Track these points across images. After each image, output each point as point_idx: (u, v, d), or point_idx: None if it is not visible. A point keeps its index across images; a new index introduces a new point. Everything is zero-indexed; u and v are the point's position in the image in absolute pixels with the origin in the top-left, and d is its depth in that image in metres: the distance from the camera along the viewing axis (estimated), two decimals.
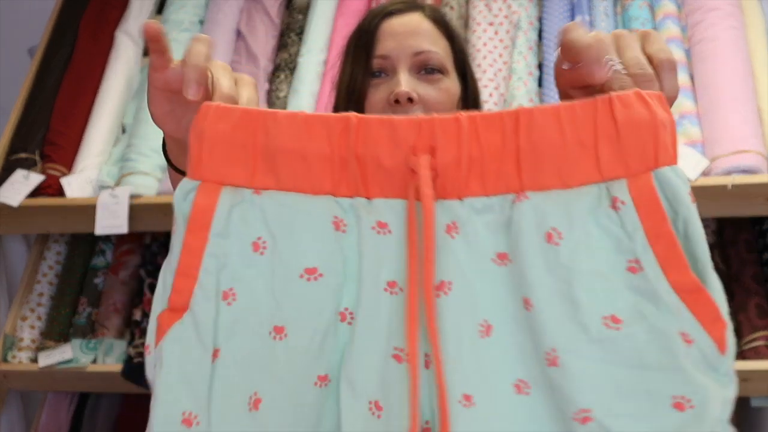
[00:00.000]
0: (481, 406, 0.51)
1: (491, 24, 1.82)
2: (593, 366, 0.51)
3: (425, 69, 1.02)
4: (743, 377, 1.49)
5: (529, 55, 1.79)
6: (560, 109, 0.53)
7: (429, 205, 0.51)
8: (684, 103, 1.63)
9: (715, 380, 0.50)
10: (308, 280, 0.54)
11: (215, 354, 0.52)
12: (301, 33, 1.93)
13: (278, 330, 0.53)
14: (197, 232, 0.53)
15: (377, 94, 1.01)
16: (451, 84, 1.04)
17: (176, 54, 0.62)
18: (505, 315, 0.53)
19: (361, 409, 0.52)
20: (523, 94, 1.70)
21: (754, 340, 1.52)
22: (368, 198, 0.55)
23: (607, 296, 0.52)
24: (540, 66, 1.80)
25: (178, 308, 0.53)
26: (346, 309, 0.54)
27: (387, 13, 1.05)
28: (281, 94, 1.83)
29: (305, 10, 1.96)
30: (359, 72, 1.03)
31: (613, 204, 0.52)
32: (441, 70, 1.02)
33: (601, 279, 0.52)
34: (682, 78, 1.67)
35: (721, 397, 0.50)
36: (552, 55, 1.79)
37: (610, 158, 0.53)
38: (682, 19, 1.78)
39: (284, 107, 1.80)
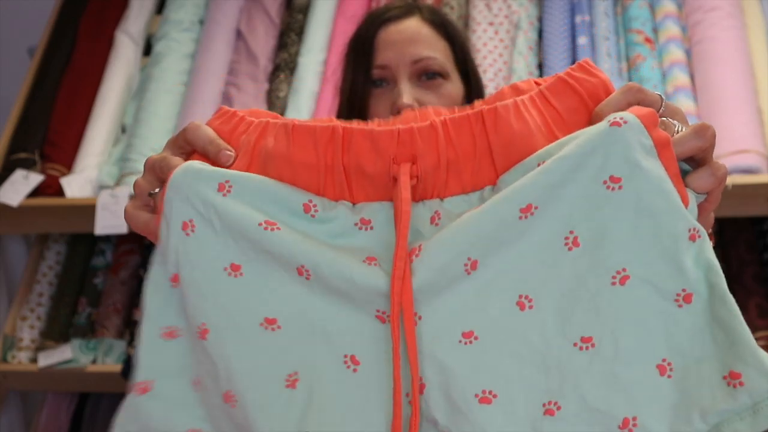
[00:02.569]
0: (482, 340, 0.53)
1: (491, 24, 1.82)
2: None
3: (426, 75, 1.02)
4: None
5: (530, 55, 1.78)
6: (517, 102, 0.57)
7: (407, 207, 0.54)
8: (684, 103, 1.63)
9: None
10: (269, 230, 0.56)
11: (175, 278, 0.57)
12: (301, 33, 1.93)
13: (234, 268, 0.56)
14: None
15: (380, 104, 1.02)
16: (453, 87, 1.04)
17: (175, 52, 0.62)
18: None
19: (335, 361, 0.55)
20: None
21: (755, 340, 1.52)
22: (353, 203, 0.57)
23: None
24: (540, 66, 1.80)
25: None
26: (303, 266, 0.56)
27: (384, 20, 1.05)
28: (281, 94, 1.82)
29: (305, 10, 1.96)
30: (360, 82, 1.04)
31: None
32: (442, 75, 1.03)
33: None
34: (683, 78, 1.67)
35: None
36: (552, 54, 1.79)
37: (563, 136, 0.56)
38: (683, 18, 1.78)
39: (284, 107, 1.80)
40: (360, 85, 1.04)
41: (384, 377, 0.54)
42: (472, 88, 1.08)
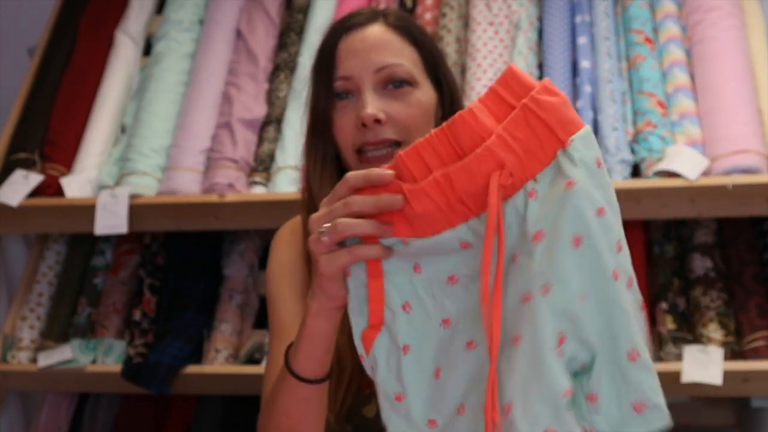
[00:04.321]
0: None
1: (491, 24, 1.82)
2: None
3: (392, 83, 0.97)
4: (744, 377, 1.49)
5: (530, 55, 1.78)
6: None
7: (492, 200, 0.68)
8: (684, 103, 1.63)
9: None
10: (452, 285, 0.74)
11: (405, 349, 0.74)
12: (301, 33, 1.93)
13: (446, 322, 0.74)
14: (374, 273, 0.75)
15: (344, 118, 0.97)
16: (422, 94, 0.99)
17: (174, 52, 0.62)
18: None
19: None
20: None
21: (755, 340, 1.52)
22: (477, 216, 0.71)
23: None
24: (540, 66, 1.80)
25: (375, 325, 0.75)
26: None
27: (346, 28, 1.00)
28: (281, 94, 1.82)
29: (305, 9, 1.96)
30: (322, 95, 0.99)
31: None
32: (409, 82, 0.98)
33: None
34: (683, 77, 1.67)
35: None
36: (552, 54, 1.79)
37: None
38: (683, 18, 1.78)
39: (284, 107, 1.80)
40: (322, 98, 0.99)
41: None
42: (445, 95, 1.03)
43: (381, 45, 0.98)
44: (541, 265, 0.66)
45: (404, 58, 0.98)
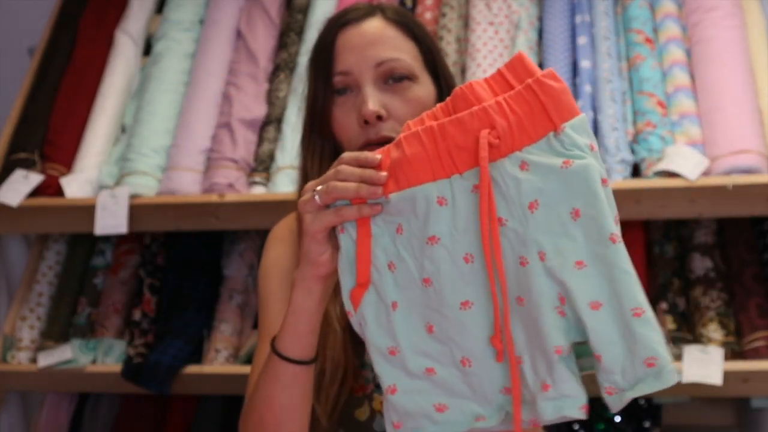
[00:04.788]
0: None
1: (491, 23, 1.82)
2: None
3: (392, 78, 0.97)
4: (744, 378, 1.49)
5: (530, 54, 1.78)
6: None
7: (483, 153, 0.71)
8: (684, 103, 1.63)
9: None
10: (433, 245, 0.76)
11: (394, 305, 0.77)
12: (300, 33, 1.93)
13: (426, 281, 0.76)
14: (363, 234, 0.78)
15: (345, 114, 0.97)
16: (422, 89, 0.99)
17: (174, 52, 0.62)
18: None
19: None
20: None
21: (755, 340, 1.52)
22: (460, 173, 0.74)
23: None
24: (540, 66, 1.80)
25: (363, 284, 0.77)
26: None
27: (343, 22, 1.00)
28: (281, 94, 1.82)
29: (305, 9, 1.96)
30: (321, 90, 0.98)
31: None
32: (409, 77, 0.97)
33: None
34: (683, 78, 1.67)
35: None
36: (552, 54, 1.79)
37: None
38: (683, 18, 1.78)
39: (284, 107, 1.80)
40: (321, 94, 0.98)
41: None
42: (443, 89, 1.02)
43: (380, 39, 0.97)
44: (536, 233, 0.71)
45: (403, 52, 0.98)
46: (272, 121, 1.79)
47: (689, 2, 1.78)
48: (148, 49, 2.00)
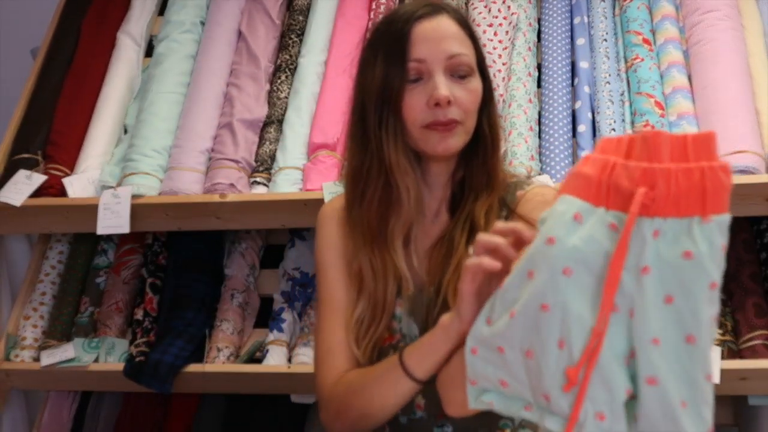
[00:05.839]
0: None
1: (491, 25, 1.83)
2: None
3: (458, 70, 1.08)
4: (741, 376, 1.50)
5: (529, 55, 1.79)
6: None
7: (632, 217, 0.74)
8: (682, 104, 1.64)
9: None
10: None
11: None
12: (301, 34, 1.94)
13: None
14: None
15: (415, 98, 1.07)
16: (477, 83, 1.10)
17: (176, 53, 0.63)
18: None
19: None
20: (522, 95, 1.71)
21: (752, 339, 1.53)
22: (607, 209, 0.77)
23: None
24: (539, 66, 1.81)
25: None
26: None
27: (418, 16, 1.09)
28: (282, 95, 1.83)
29: (306, 11, 1.97)
30: (395, 75, 1.07)
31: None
32: (470, 71, 1.09)
33: None
34: (680, 78, 1.68)
35: None
36: (551, 55, 1.80)
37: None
38: (680, 20, 1.79)
39: (284, 108, 1.81)
40: (395, 79, 1.07)
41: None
42: (486, 85, 1.13)
43: (450, 35, 1.08)
44: (638, 292, 0.74)
45: (467, 48, 1.10)
46: (273, 121, 1.80)
47: (687, 4, 1.79)
48: (150, 51, 2.01)
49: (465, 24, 1.12)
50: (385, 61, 1.09)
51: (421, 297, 1.10)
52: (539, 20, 1.88)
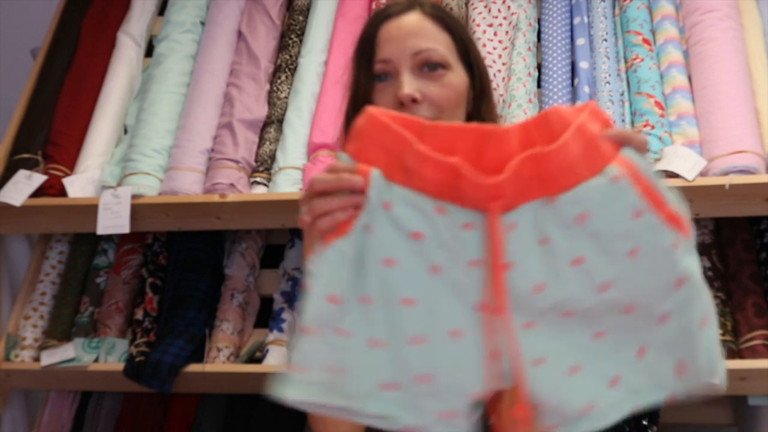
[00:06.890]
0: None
1: (490, 25, 1.83)
2: None
3: (427, 66, 1.05)
4: (741, 376, 1.50)
5: (528, 56, 1.79)
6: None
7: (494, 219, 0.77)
8: (682, 104, 1.64)
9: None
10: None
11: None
12: (301, 34, 1.94)
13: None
14: None
15: (383, 98, 1.05)
16: (455, 77, 1.07)
17: (176, 53, 0.63)
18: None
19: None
20: (522, 95, 1.71)
21: (752, 339, 1.53)
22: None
23: None
24: (539, 67, 1.81)
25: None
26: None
27: (385, 16, 1.08)
28: (282, 95, 1.84)
29: (306, 11, 1.97)
30: (363, 78, 1.07)
31: None
32: (443, 65, 1.06)
33: None
34: (680, 79, 1.68)
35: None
36: (551, 55, 1.80)
37: None
38: (680, 20, 1.79)
39: (284, 108, 1.81)
40: (363, 80, 1.07)
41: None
42: (476, 77, 1.12)
43: (417, 31, 1.07)
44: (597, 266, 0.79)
45: (438, 43, 1.07)
46: (273, 121, 1.80)
47: (687, 4, 1.79)
48: (150, 51, 2.01)
49: (439, 18, 1.10)
50: (357, 63, 1.10)
51: None
52: (539, 20, 1.88)
